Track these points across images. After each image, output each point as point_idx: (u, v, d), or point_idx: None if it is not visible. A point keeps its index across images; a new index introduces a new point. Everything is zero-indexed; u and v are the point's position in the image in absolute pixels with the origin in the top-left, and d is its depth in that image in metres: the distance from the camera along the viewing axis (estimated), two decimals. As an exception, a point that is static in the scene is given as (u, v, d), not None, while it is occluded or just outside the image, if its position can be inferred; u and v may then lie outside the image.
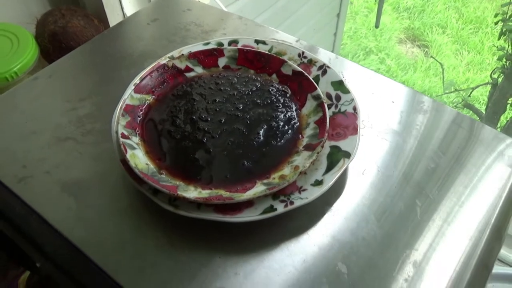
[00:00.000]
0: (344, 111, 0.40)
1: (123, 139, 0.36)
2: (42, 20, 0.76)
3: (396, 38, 2.72)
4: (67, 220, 0.36)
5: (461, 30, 2.68)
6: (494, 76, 1.92)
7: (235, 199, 0.32)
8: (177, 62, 0.43)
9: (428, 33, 2.70)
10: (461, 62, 2.53)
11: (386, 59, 2.59)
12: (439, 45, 2.63)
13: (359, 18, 2.83)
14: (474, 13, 2.77)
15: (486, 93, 2.24)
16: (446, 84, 2.28)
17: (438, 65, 2.43)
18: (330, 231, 0.35)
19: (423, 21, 2.78)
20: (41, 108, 0.45)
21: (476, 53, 2.56)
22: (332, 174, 0.35)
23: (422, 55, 2.60)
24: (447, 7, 2.84)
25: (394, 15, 2.84)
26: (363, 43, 2.68)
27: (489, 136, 0.43)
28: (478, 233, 0.36)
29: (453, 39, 2.66)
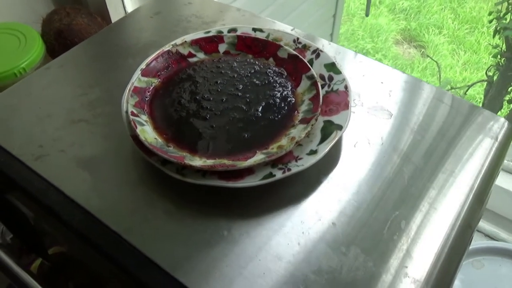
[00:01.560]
0: (336, 90, 0.43)
1: (132, 117, 0.39)
2: (47, 18, 0.80)
3: (393, 39, 2.76)
4: (82, 191, 0.39)
5: (457, 30, 2.72)
6: (489, 74, 1.94)
7: (237, 166, 0.36)
8: (180, 48, 0.46)
9: (425, 33, 2.73)
10: (458, 61, 2.57)
11: (383, 60, 2.62)
12: (436, 46, 2.66)
13: (356, 20, 2.87)
14: (470, 13, 2.80)
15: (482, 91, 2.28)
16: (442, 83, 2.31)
17: (435, 65, 2.47)
18: (325, 197, 0.38)
19: (419, 22, 2.81)
20: (54, 94, 0.48)
21: (472, 53, 2.59)
22: (326, 144, 0.38)
23: (419, 56, 2.63)
24: (443, 7, 2.88)
25: (390, 17, 2.88)
26: (360, 45, 2.72)
27: (471, 110, 0.46)
28: (463, 196, 0.39)
29: (449, 39, 2.70)
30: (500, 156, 0.43)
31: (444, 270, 0.36)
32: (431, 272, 0.35)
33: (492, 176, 0.42)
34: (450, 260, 0.36)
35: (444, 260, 0.36)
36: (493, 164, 0.42)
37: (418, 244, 0.36)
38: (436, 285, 0.34)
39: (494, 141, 0.43)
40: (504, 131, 0.45)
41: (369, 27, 2.82)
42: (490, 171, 0.42)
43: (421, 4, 2.92)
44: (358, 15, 2.92)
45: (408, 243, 0.36)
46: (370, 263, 0.34)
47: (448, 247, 0.36)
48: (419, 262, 0.35)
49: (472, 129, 0.44)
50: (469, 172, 0.41)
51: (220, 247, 0.35)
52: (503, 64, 1.80)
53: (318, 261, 0.34)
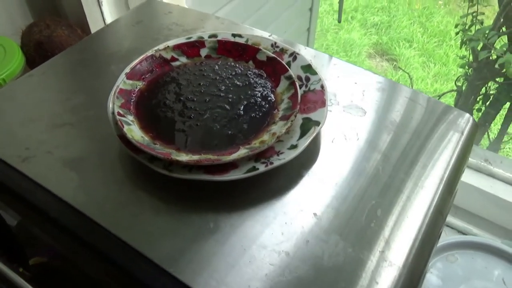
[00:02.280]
0: (313, 89, 0.45)
1: (119, 117, 0.40)
2: (27, 30, 0.80)
3: (366, 53, 2.84)
4: (69, 189, 0.39)
5: (427, 44, 2.83)
6: (458, 84, 2.01)
7: (222, 160, 0.37)
8: (163, 53, 0.48)
9: (396, 47, 2.83)
10: (429, 73, 2.67)
11: (357, 73, 2.69)
12: (407, 58, 2.76)
13: (330, 35, 2.95)
14: (438, 27, 2.93)
15: (452, 101, 2.37)
16: (414, 93, 2.38)
17: (407, 77, 2.56)
18: (307, 189, 0.40)
19: (390, 36, 2.91)
20: (37, 99, 0.49)
21: (442, 65, 2.70)
22: (305, 139, 0.40)
23: (391, 68, 2.72)
24: (412, 22, 3.00)
25: (362, 31, 2.98)
26: (334, 58, 2.79)
27: (439, 108, 0.49)
28: (434, 186, 0.42)
29: (419, 52, 2.80)
30: (466, 149, 0.46)
31: (419, 254, 0.38)
32: (407, 256, 0.37)
33: (460, 168, 0.45)
34: (424, 245, 0.39)
35: (419, 245, 0.38)
36: (460, 156, 0.45)
37: (394, 230, 0.38)
38: (412, 268, 0.37)
39: (461, 135, 0.47)
40: (469, 125, 0.48)
41: (342, 41, 2.91)
42: (458, 163, 0.45)
43: (391, 19, 3.03)
44: (332, 31, 3.00)
45: (384, 230, 0.38)
46: (349, 249, 0.36)
47: (422, 233, 0.39)
48: (396, 247, 0.37)
49: (443, 126, 0.47)
50: (439, 165, 0.44)
51: (207, 239, 0.36)
52: (471, 74, 1.88)
53: (300, 249, 0.36)
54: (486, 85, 1.84)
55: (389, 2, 3.14)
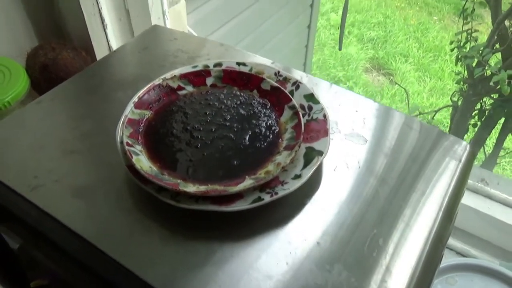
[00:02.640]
0: (316, 118, 0.47)
1: (128, 147, 0.41)
2: (33, 53, 0.82)
3: (363, 67, 2.88)
4: (77, 219, 0.40)
5: (422, 58, 2.87)
6: (454, 99, 2.04)
7: (228, 191, 0.38)
8: (170, 82, 0.49)
9: (392, 62, 2.87)
10: (424, 88, 2.70)
11: (354, 87, 2.73)
12: (403, 73, 2.80)
13: (326, 49, 2.99)
14: (433, 42, 2.98)
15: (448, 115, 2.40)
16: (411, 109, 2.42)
17: (403, 92, 2.59)
18: (310, 218, 0.41)
19: (386, 50, 2.96)
20: (47, 126, 0.50)
21: (437, 79, 2.74)
22: (309, 168, 0.42)
23: (387, 83, 2.76)
24: (408, 37, 3.05)
25: (359, 46, 3.02)
26: (331, 73, 2.83)
27: (436, 135, 0.51)
28: (433, 214, 0.43)
29: (415, 67, 2.84)
30: (464, 176, 0.48)
31: (420, 282, 0.39)
32: (408, 285, 0.38)
33: (458, 195, 0.46)
34: (425, 273, 0.40)
35: (419, 274, 0.39)
36: (458, 183, 0.46)
37: (396, 259, 0.39)
38: (414, 297, 0.38)
39: (458, 162, 0.48)
40: (466, 153, 0.49)
41: (339, 56, 2.95)
42: (456, 190, 0.46)
43: (387, 34, 3.08)
44: (328, 45, 3.04)
45: (386, 259, 0.39)
46: (352, 278, 0.37)
47: (423, 262, 0.40)
48: (397, 276, 0.38)
49: (439, 152, 0.49)
50: (438, 192, 0.45)
51: (213, 268, 0.37)
52: (466, 90, 1.91)
53: (305, 278, 0.37)
54: (481, 101, 1.87)
55: (385, 17, 3.20)
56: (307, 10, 1.85)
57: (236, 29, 1.40)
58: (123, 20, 0.84)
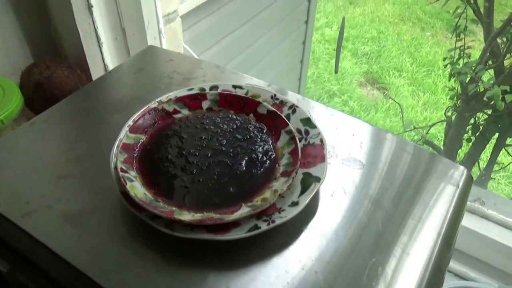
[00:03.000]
0: (312, 143, 0.46)
1: (122, 173, 0.41)
2: (27, 71, 0.81)
3: (357, 82, 2.90)
4: (70, 247, 0.39)
5: (416, 73, 2.90)
6: (448, 114, 2.05)
7: (224, 220, 0.38)
8: (166, 105, 0.49)
9: (386, 76, 2.90)
10: (418, 102, 2.72)
11: (349, 101, 2.75)
12: (397, 87, 2.82)
13: (321, 64, 3.01)
14: (426, 57, 3.01)
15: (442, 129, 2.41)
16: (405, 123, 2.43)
17: (397, 106, 2.61)
18: (307, 246, 0.41)
19: (380, 65, 2.99)
20: (40, 149, 0.49)
21: (431, 94, 2.77)
22: (306, 195, 0.41)
23: (382, 97, 2.78)
24: (401, 52, 3.08)
25: (353, 60, 3.05)
26: (326, 87, 2.85)
27: (432, 159, 0.50)
28: (431, 242, 0.42)
29: (409, 81, 2.87)
30: (462, 202, 0.48)
31: (420, 312, 0.38)
32: (407, 315, 0.37)
33: (457, 221, 0.46)
34: (424, 302, 0.39)
35: (419, 303, 0.38)
36: (456, 209, 0.46)
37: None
38: (413, 326, 0.37)
39: (456, 188, 0.48)
40: (464, 178, 0.49)
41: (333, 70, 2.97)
42: (454, 216, 0.46)
43: (381, 49, 3.12)
44: (323, 59, 3.07)
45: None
46: (351, 309, 0.37)
47: (422, 290, 0.39)
48: (396, 306, 0.37)
49: (435, 176, 0.48)
50: (436, 218, 0.44)
51: (209, 299, 0.36)
52: (460, 106, 1.93)
53: (303, 309, 0.36)
54: (475, 116, 1.88)
55: (379, 32, 3.24)
56: (302, 26, 1.87)
57: (231, 46, 1.41)
58: (119, 39, 0.84)
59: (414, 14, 3.40)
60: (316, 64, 3.02)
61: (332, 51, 3.18)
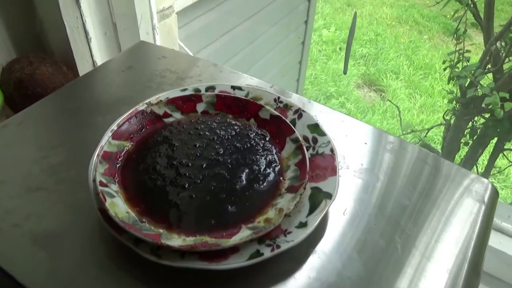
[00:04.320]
0: (322, 153, 0.41)
1: (101, 187, 0.35)
2: (8, 67, 0.75)
3: (354, 83, 2.87)
4: (37, 276, 0.33)
5: (413, 76, 2.87)
6: (446, 118, 2.02)
7: (221, 245, 0.32)
8: (155, 108, 0.43)
9: (383, 78, 2.87)
10: (415, 105, 2.69)
11: (346, 103, 2.71)
12: (394, 90, 2.79)
13: (318, 65, 2.97)
14: (423, 60, 2.99)
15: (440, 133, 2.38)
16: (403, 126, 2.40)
17: (394, 108, 2.57)
18: (316, 273, 0.35)
19: (377, 67, 2.96)
20: (10, 156, 0.43)
21: (427, 96, 2.74)
22: (316, 215, 0.35)
23: (379, 99, 2.74)
24: (399, 54, 3.05)
25: (351, 62, 3.01)
26: (323, 88, 2.81)
27: (454, 171, 0.45)
28: (456, 268, 0.37)
29: (406, 84, 2.84)
30: (488, 220, 0.42)
31: None
32: None
33: (484, 242, 0.41)
34: None
35: None
36: (483, 229, 0.41)
37: (418, 324, 0.33)
38: None
39: (481, 204, 0.42)
40: (489, 193, 0.44)
41: (331, 71, 2.93)
42: (481, 237, 0.40)
43: (378, 51, 3.09)
44: (320, 61, 3.03)
45: (407, 324, 0.33)
46: None
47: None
48: None
49: (459, 191, 0.43)
50: (461, 240, 0.39)
51: None
52: (459, 109, 1.89)
53: None
54: (473, 120, 1.85)
55: (377, 35, 3.21)
56: (301, 26, 1.82)
57: (229, 45, 1.35)
58: (109, 34, 0.78)
59: (412, 17, 3.37)
60: (313, 65, 2.98)
61: (330, 52, 3.15)
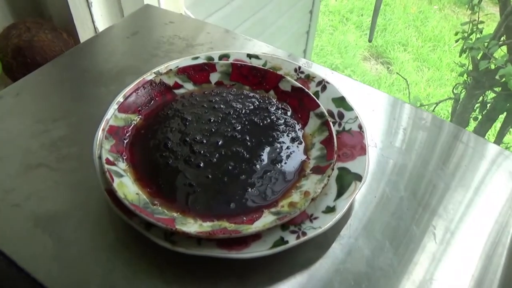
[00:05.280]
0: (349, 130, 0.37)
1: (108, 166, 0.31)
2: (4, 33, 0.70)
3: (361, 56, 2.79)
4: (41, 260, 0.30)
5: (421, 48, 2.79)
6: (456, 92, 1.98)
7: (242, 232, 0.29)
8: (165, 78, 0.39)
9: (390, 50, 2.79)
10: (422, 78, 2.63)
11: (352, 76, 2.64)
12: (401, 62, 2.72)
13: (324, 36, 2.89)
14: (432, 32, 2.90)
15: (447, 107, 2.33)
16: (412, 100, 2.35)
17: (401, 81, 2.51)
18: (344, 262, 0.32)
19: (385, 39, 2.87)
20: (7, 131, 0.39)
21: (435, 70, 2.67)
22: (345, 199, 0.32)
23: (385, 72, 2.68)
24: (407, 26, 2.96)
25: (358, 34, 2.92)
26: (329, 60, 2.74)
27: (490, 150, 0.41)
28: (493, 254, 0.34)
29: (413, 56, 2.77)
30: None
31: None
32: None
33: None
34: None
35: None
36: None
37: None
38: None
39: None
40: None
41: (337, 43, 2.86)
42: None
43: (386, 22, 3.00)
44: (326, 31, 2.94)
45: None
46: None
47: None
48: None
49: (498, 173, 0.39)
50: (501, 228, 0.36)
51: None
52: (470, 83, 1.84)
53: None
54: (484, 94, 1.81)
55: (385, 5, 3.11)
56: (310, -6, 1.74)
57: (235, 13, 1.29)
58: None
59: (422, -15, 3.25)
60: (319, 36, 2.89)
61: (336, 23, 3.06)
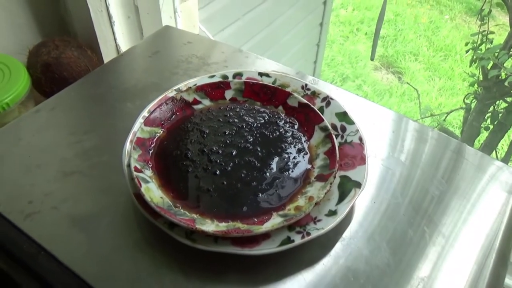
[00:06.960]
0: (350, 142, 0.41)
1: (136, 173, 0.36)
2: (35, 50, 0.76)
3: (372, 65, 2.82)
4: (77, 256, 0.35)
5: (432, 58, 2.81)
6: (467, 101, 1.99)
7: (253, 232, 0.33)
8: (185, 95, 0.43)
9: (402, 60, 2.81)
10: (434, 87, 2.64)
11: (363, 85, 2.67)
12: (412, 72, 2.74)
13: (335, 46, 2.92)
14: (444, 41, 2.91)
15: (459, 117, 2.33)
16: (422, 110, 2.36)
17: (412, 91, 2.53)
18: (345, 260, 0.36)
19: (396, 49, 2.89)
20: (45, 141, 0.44)
21: (447, 79, 2.68)
22: (345, 204, 0.36)
23: (396, 81, 2.70)
24: (418, 35, 2.98)
25: (368, 44, 2.95)
26: (339, 70, 2.77)
27: (483, 162, 0.45)
28: (482, 257, 0.37)
29: (425, 66, 2.78)
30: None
31: None
32: None
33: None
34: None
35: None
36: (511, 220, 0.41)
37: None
38: None
39: (510, 194, 0.42)
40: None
41: (348, 53, 2.88)
42: (509, 228, 0.40)
43: (397, 32, 3.02)
44: (337, 42, 2.98)
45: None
46: (396, 336, 0.32)
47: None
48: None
49: (487, 181, 0.43)
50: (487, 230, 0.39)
51: (234, 322, 0.32)
52: (480, 93, 1.85)
53: (341, 335, 0.32)
54: (495, 104, 1.81)
55: (396, 15, 3.13)
56: (320, 7, 1.78)
57: (247, 26, 1.34)
58: (131, 17, 0.78)
59: (433, -5, 3.27)
60: (330, 46, 2.93)
61: (346, 33, 3.09)
